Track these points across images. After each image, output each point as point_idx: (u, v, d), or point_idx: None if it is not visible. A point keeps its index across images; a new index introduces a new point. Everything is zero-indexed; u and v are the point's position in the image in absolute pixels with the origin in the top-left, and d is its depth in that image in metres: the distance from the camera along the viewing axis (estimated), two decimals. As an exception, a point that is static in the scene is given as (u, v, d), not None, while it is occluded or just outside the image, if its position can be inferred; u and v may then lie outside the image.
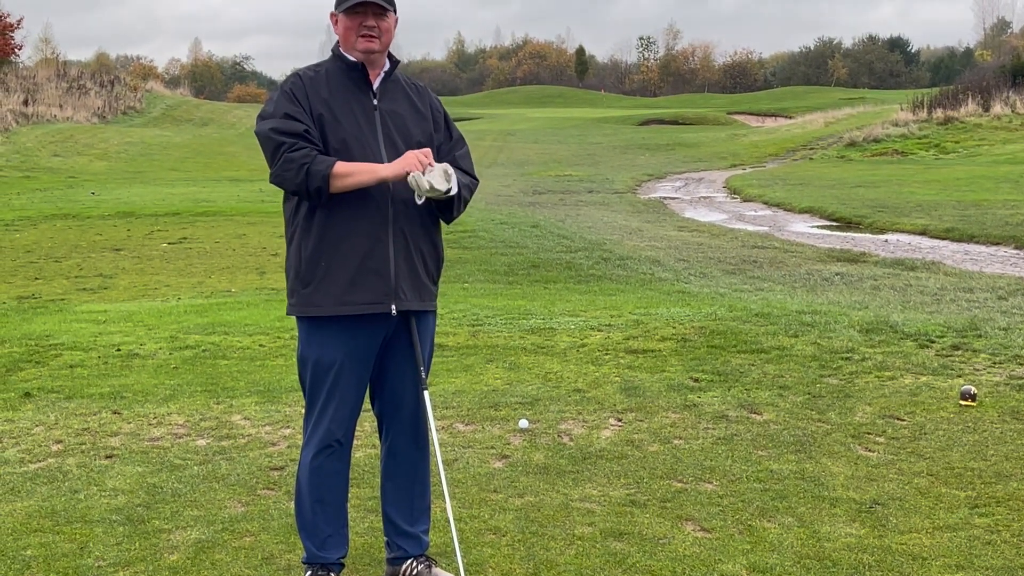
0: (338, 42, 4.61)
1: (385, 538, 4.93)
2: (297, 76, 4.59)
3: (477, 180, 4.82)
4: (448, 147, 4.75)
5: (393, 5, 4.55)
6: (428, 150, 4.46)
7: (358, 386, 4.65)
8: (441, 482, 4.70)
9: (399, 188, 4.45)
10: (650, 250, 18.99)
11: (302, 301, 4.53)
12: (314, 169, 4.29)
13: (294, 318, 4.62)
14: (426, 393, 4.71)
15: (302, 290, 4.52)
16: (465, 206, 4.71)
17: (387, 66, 4.65)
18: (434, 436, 4.77)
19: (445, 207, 4.60)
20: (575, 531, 5.35)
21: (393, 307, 4.49)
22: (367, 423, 7.27)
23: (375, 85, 4.60)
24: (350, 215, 4.43)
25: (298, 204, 4.54)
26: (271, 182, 4.47)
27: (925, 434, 6.98)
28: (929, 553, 5.06)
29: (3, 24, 70.75)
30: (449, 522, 4.66)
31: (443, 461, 6.41)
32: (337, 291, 4.45)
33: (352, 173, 4.34)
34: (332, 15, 4.56)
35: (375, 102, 4.58)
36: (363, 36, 4.48)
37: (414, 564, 4.81)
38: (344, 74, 4.57)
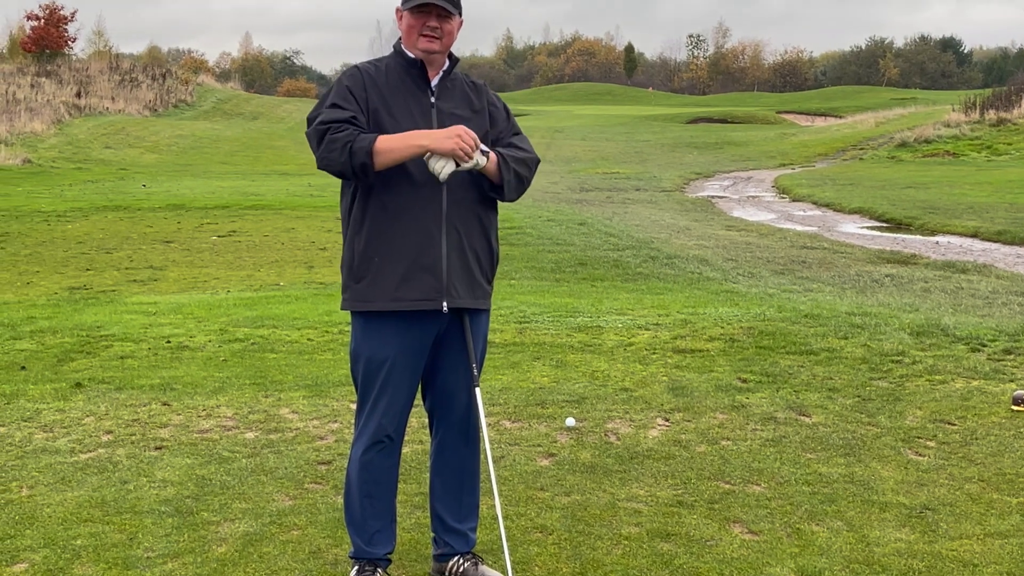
0: (400, 38, 4.61)
1: (432, 534, 4.93)
2: (356, 69, 4.60)
3: (537, 157, 4.80)
4: (507, 138, 4.74)
5: (459, 8, 4.54)
6: (475, 135, 4.39)
7: (410, 382, 4.63)
8: (491, 479, 4.70)
9: (452, 185, 4.45)
10: (698, 249, 18.91)
11: (355, 296, 4.52)
12: (357, 146, 4.29)
13: (348, 313, 4.62)
14: (477, 391, 4.71)
15: (355, 285, 4.51)
16: (525, 182, 4.71)
17: (446, 65, 4.64)
18: (484, 433, 4.77)
19: (496, 185, 4.59)
20: (622, 531, 5.33)
21: (445, 304, 4.48)
22: (414, 419, 7.29)
23: (433, 83, 4.59)
24: (403, 211, 4.44)
25: (352, 200, 4.54)
26: (319, 167, 4.45)
27: (976, 439, 6.91)
28: (980, 560, 5.00)
29: (57, 17, 71.56)
30: (497, 519, 4.66)
31: (492, 459, 6.41)
32: (389, 287, 4.44)
33: (395, 147, 4.33)
34: (398, 10, 4.56)
35: (432, 100, 4.57)
36: (425, 36, 4.47)
37: (460, 561, 4.81)
38: (403, 70, 4.56)
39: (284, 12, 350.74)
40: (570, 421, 7.19)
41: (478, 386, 4.73)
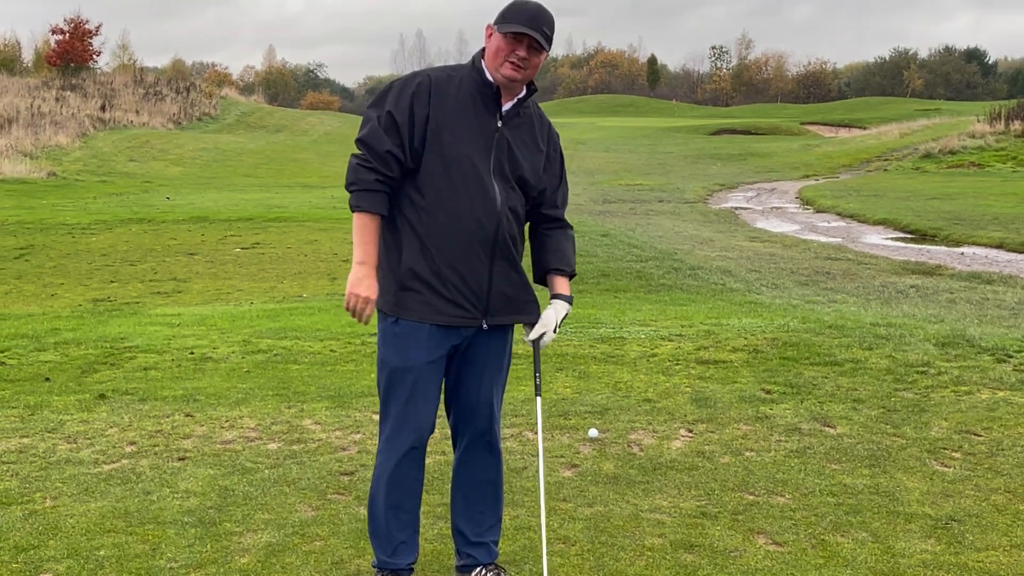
0: (482, 52, 4.52)
1: (454, 546, 4.91)
2: (427, 77, 4.50)
3: (570, 225, 4.88)
4: (552, 192, 4.74)
5: (550, 45, 4.45)
6: (367, 317, 4.48)
7: (436, 391, 4.60)
8: (540, 495, 4.71)
9: (503, 223, 4.46)
10: (721, 260, 18.87)
11: (393, 300, 4.50)
12: (356, 196, 4.43)
13: (373, 321, 4.61)
14: (539, 400, 4.72)
15: (397, 290, 4.49)
16: (574, 253, 4.86)
17: (523, 93, 4.58)
18: (541, 449, 4.74)
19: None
20: (645, 542, 5.31)
21: (484, 323, 4.52)
22: (437, 429, 7.29)
23: (504, 108, 4.52)
24: (456, 235, 4.41)
25: (402, 206, 4.50)
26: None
27: (1003, 450, 6.86)
28: (1006, 571, 4.97)
29: (82, 30, 72.02)
30: (541, 532, 4.67)
31: (513, 469, 6.41)
32: (432, 299, 4.44)
33: (358, 237, 4.47)
34: (489, 27, 4.47)
35: (499, 124, 4.50)
36: (512, 63, 4.39)
37: (483, 572, 4.79)
38: (477, 88, 4.48)
39: (308, 25, 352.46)
40: (593, 432, 7.17)
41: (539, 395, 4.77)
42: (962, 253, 20.98)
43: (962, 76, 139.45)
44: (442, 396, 4.73)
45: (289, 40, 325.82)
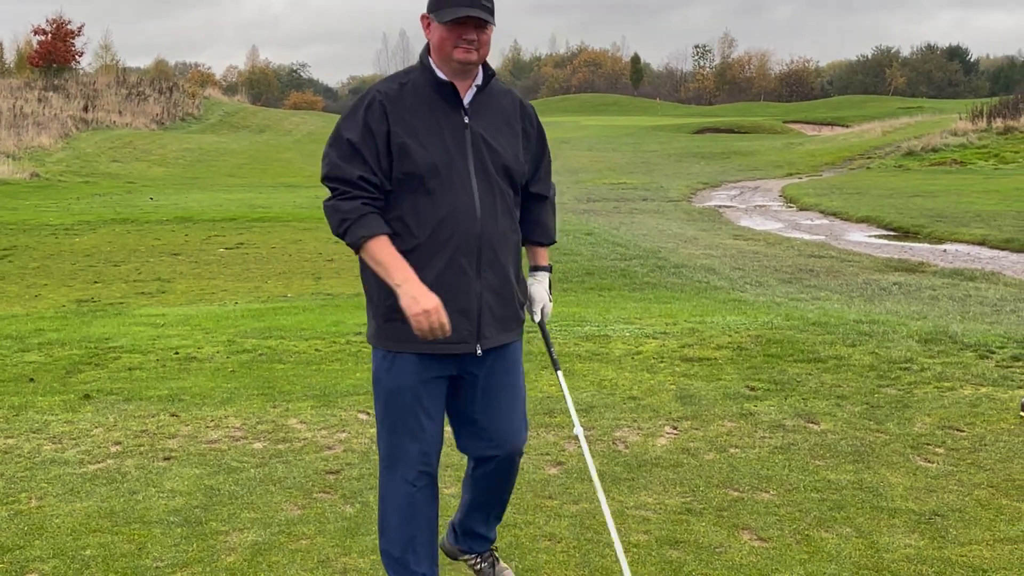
0: (427, 47, 4.26)
1: (451, 525, 4.86)
2: (377, 92, 4.20)
3: (554, 188, 4.69)
4: (534, 168, 4.52)
5: (494, 17, 4.18)
6: (445, 321, 4.06)
7: (436, 416, 4.34)
8: (591, 473, 4.61)
9: (487, 229, 4.19)
10: (705, 258, 18.91)
11: (381, 334, 4.25)
12: (353, 231, 4.08)
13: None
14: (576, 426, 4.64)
15: (383, 323, 4.22)
16: (555, 222, 4.72)
17: (480, 78, 4.30)
18: (575, 421, 4.68)
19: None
20: (630, 538, 5.33)
21: (478, 347, 4.24)
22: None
23: (466, 100, 4.25)
24: (437, 251, 4.14)
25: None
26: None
27: (985, 445, 6.89)
28: (990, 565, 4.99)
29: (64, 31, 71.78)
30: (608, 525, 4.63)
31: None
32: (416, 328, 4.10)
33: (381, 264, 4.09)
34: (424, 18, 4.21)
35: (466, 120, 4.23)
36: (461, 48, 4.12)
37: (478, 560, 4.78)
38: (433, 89, 4.20)
39: (291, 25, 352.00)
40: (578, 429, 7.17)
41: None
42: (944, 250, 21.06)
43: (944, 74, 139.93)
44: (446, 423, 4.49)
45: (272, 40, 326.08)
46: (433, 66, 4.22)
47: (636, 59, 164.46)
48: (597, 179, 42.32)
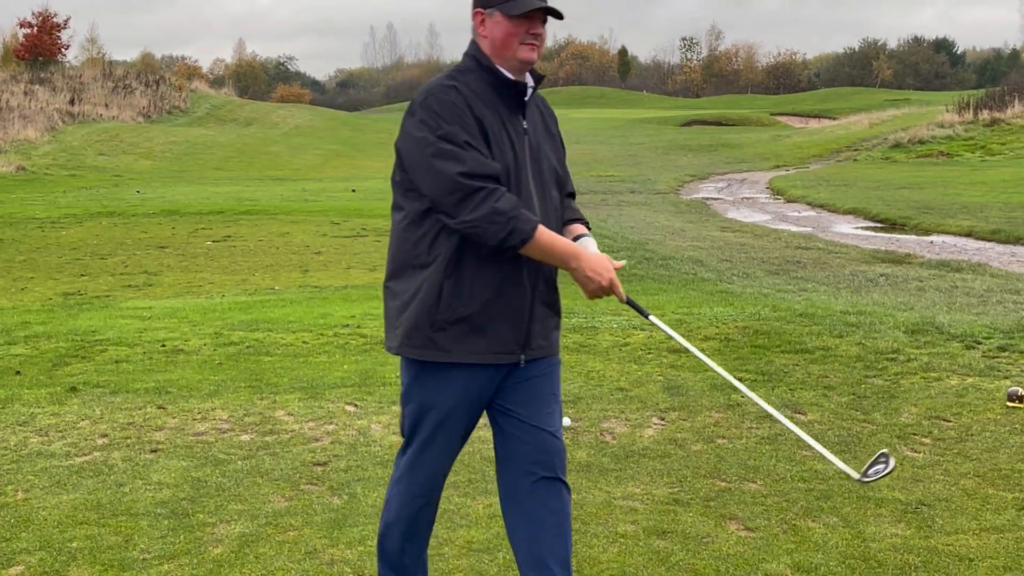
0: (475, 44, 3.98)
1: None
2: (456, 90, 3.84)
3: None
4: (566, 173, 4.29)
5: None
6: (618, 285, 3.97)
7: (465, 432, 4.12)
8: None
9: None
10: (693, 250, 18.92)
11: (425, 344, 3.91)
12: (519, 227, 3.73)
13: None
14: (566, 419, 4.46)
15: (430, 331, 3.89)
16: None
17: (531, 82, 4.04)
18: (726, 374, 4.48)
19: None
20: (618, 529, 5.33)
21: (523, 358, 4.00)
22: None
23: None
24: (494, 257, 3.85)
25: (436, 232, 3.87)
26: (462, 228, 3.76)
27: (972, 435, 6.92)
28: (976, 554, 5.01)
29: (50, 24, 71.47)
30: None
31: (486, 458, 6.42)
32: (472, 338, 3.90)
33: (553, 251, 3.84)
34: (479, 13, 3.94)
35: (524, 124, 3.99)
36: (527, 44, 3.87)
37: None
38: (495, 91, 3.91)
39: (278, 18, 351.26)
40: (566, 421, 7.19)
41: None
42: (931, 242, 21.10)
43: (931, 66, 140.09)
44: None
45: (259, 33, 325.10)
46: (498, 67, 3.92)
47: (623, 52, 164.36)
48: (585, 172, 42.31)
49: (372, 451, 6.63)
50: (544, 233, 3.81)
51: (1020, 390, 7.67)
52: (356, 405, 7.75)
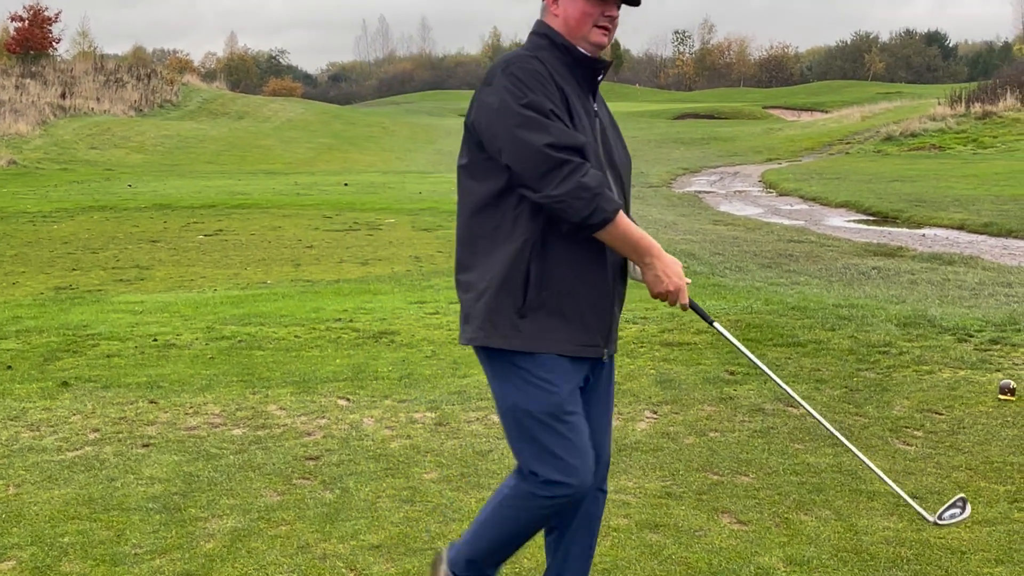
0: (543, 23, 3.80)
1: None
2: (538, 60, 3.65)
3: None
4: None
5: None
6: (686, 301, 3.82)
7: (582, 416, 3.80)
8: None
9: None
10: (685, 244, 18.92)
11: (514, 332, 3.67)
12: (602, 206, 3.51)
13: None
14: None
15: (517, 318, 3.66)
16: None
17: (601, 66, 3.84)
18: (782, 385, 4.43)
19: None
20: (610, 522, 5.33)
21: (605, 352, 3.83)
22: (401, 412, 7.30)
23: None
24: (588, 243, 3.66)
25: (520, 213, 3.64)
26: (547, 203, 3.52)
27: (964, 428, 6.92)
28: (968, 547, 5.01)
29: (41, 18, 71.40)
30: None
31: (478, 452, 6.42)
32: (564, 328, 3.69)
33: (629, 237, 3.61)
34: None
35: (595, 107, 3.82)
36: (601, 27, 3.71)
37: None
38: (570, 70, 3.73)
39: (269, 12, 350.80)
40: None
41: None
42: (923, 235, 21.12)
43: (923, 59, 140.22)
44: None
45: (251, 26, 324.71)
46: (574, 45, 3.74)
47: (616, 45, 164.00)
48: (577, 165, 42.24)
49: (364, 445, 6.62)
50: (623, 218, 3.58)
51: (1012, 383, 7.68)
52: (348, 399, 7.74)
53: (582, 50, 3.73)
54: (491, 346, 3.72)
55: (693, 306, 3.96)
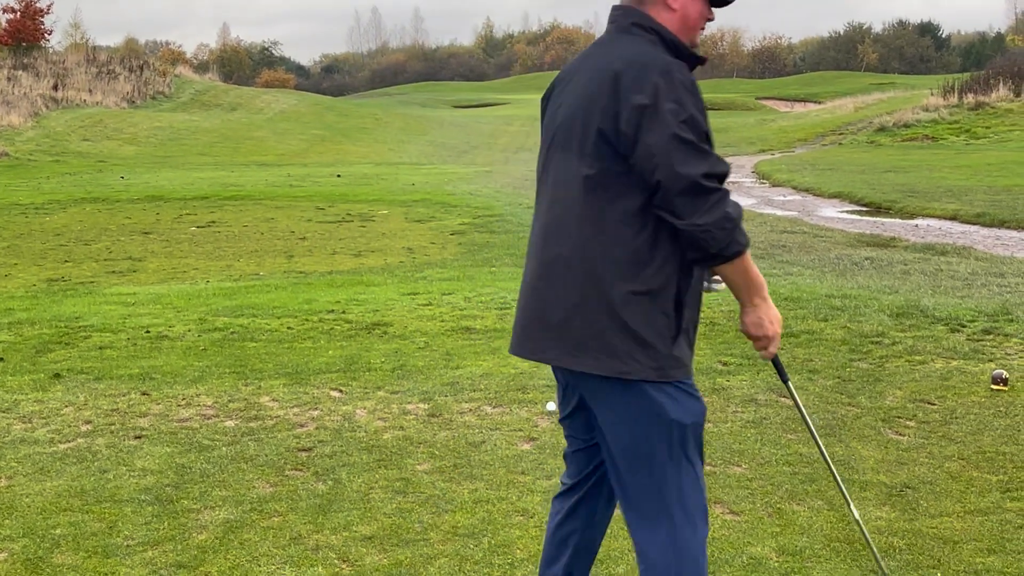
0: (649, 17, 3.53)
1: None
2: (680, 64, 3.39)
3: None
4: None
5: None
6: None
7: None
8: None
9: None
10: (678, 235, 18.90)
11: (672, 362, 3.43)
12: (738, 238, 3.32)
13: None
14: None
15: (662, 349, 3.41)
16: None
17: None
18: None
19: None
20: (603, 513, 5.32)
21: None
22: (394, 404, 7.29)
23: None
24: (696, 273, 3.52)
25: (659, 233, 3.38)
26: (689, 231, 3.27)
27: (956, 418, 6.93)
28: (960, 537, 5.02)
29: (33, 9, 71.11)
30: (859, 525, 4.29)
31: (471, 443, 6.42)
32: (688, 351, 3.53)
33: (750, 273, 3.46)
34: None
35: None
36: (702, 29, 3.61)
37: None
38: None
39: (262, 3, 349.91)
40: (551, 405, 7.19)
41: None
42: (916, 225, 21.12)
43: (916, 50, 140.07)
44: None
45: (243, 18, 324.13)
46: (692, 49, 3.55)
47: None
48: (570, 156, 42.22)
49: (357, 436, 6.62)
50: (751, 264, 3.43)
51: (1004, 373, 7.69)
52: (341, 391, 7.73)
53: (691, 50, 3.53)
54: (637, 378, 3.40)
55: (776, 359, 3.79)
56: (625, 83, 3.31)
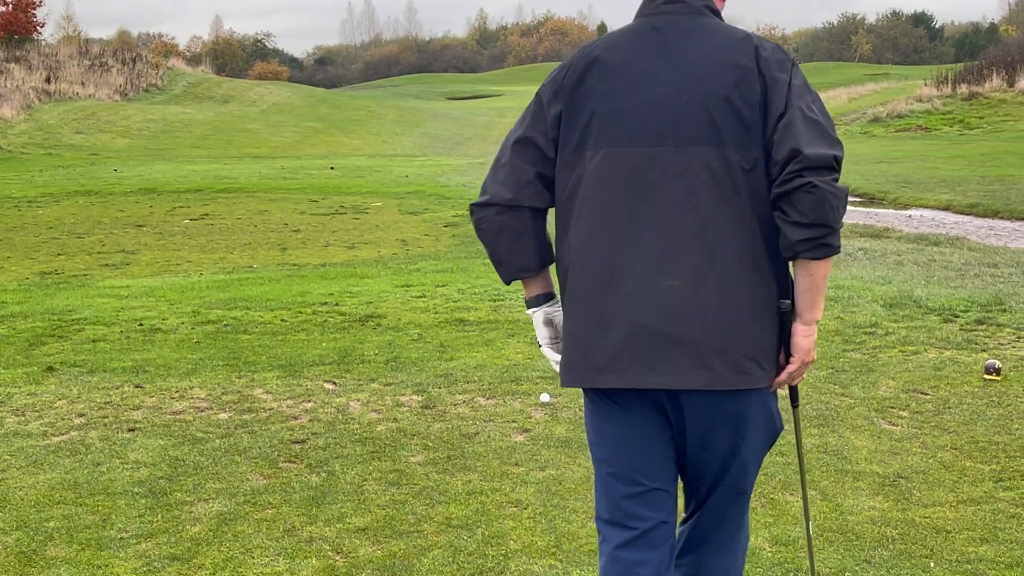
0: (712, 1, 3.43)
1: None
2: None
3: None
4: None
5: None
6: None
7: None
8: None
9: None
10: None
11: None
12: (839, 234, 3.10)
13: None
14: None
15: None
16: None
17: None
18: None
19: None
20: (597, 504, 5.33)
21: None
22: (388, 396, 7.30)
23: None
24: None
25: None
26: (827, 193, 3.02)
27: (949, 408, 6.94)
28: (953, 526, 5.03)
29: (25, 2, 70.91)
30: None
31: (465, 435, 6.42)
32: None
33: (825, 279, 3.19)
34: None
35: None
36: None
37: None
38: None
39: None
40: (544, 397, 7.19)
41: None
42: (910, 216, 21.13)
43: (909, 41, 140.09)
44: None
45: (236, 10, 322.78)
46: None
47: (603, 28, 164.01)
48: (564, 148, 42.23)
49: (350, 429, 6.62)
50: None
51: (997, 363, 7.70)
52: (335, 383, 7.73)
53: None
54: (762, 385, 3.33)
55: (793, 387, 3.64)
56: (767, 60, 3.19)
